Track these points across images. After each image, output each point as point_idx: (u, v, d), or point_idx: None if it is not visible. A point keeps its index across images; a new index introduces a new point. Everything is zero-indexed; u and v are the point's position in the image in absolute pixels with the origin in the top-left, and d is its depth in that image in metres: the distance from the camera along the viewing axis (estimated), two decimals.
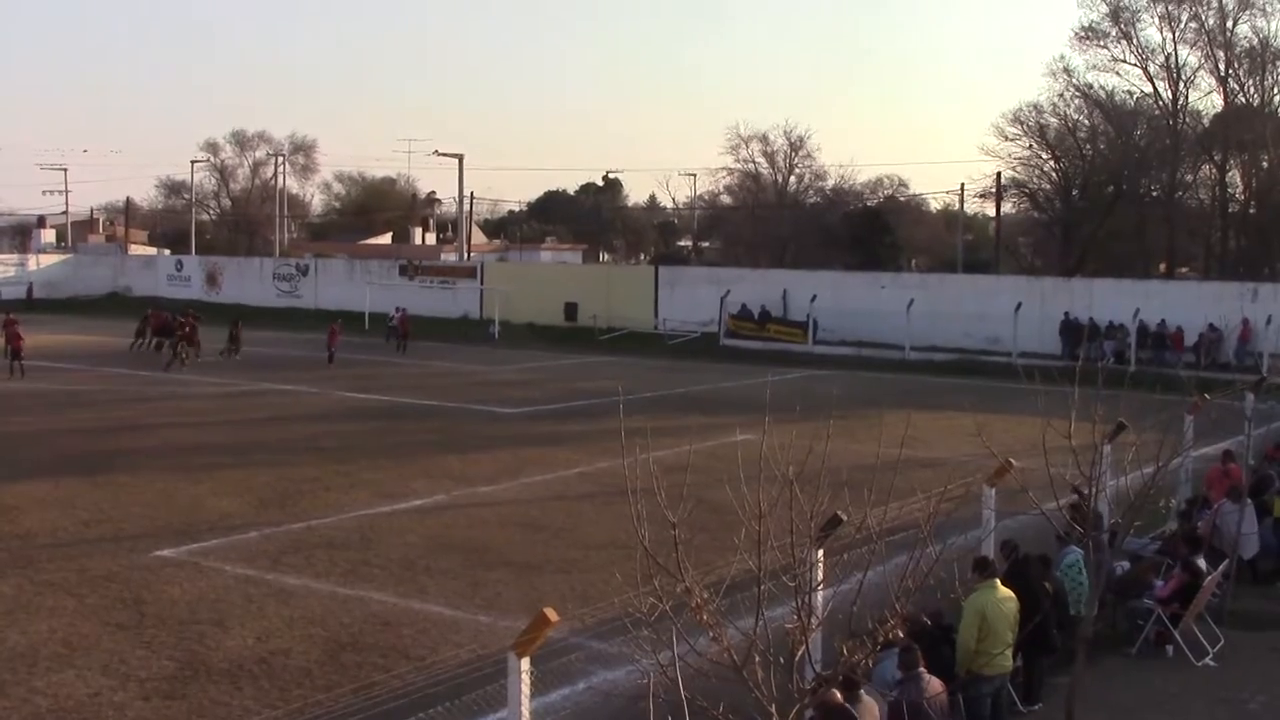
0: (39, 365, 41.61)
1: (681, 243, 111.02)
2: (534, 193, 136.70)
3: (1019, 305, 49.70)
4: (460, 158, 77.08)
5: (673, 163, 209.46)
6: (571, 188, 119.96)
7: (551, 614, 8.37)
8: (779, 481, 7.63)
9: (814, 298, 54.50)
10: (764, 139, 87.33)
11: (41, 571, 17.66)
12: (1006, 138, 73.09)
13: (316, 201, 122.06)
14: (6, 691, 13.12)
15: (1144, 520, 16.02)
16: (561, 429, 31.88)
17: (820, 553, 10.10)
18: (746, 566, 7.29)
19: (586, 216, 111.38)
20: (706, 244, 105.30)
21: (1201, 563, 16.07)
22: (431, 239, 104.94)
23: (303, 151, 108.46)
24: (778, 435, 7.97)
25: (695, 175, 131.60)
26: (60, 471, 24.99)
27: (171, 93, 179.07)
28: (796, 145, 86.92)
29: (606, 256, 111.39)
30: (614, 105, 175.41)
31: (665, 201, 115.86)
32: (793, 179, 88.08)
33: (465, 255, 79.35)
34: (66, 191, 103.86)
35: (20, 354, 40.53)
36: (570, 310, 62.53)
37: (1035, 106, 73.29)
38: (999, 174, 71.35)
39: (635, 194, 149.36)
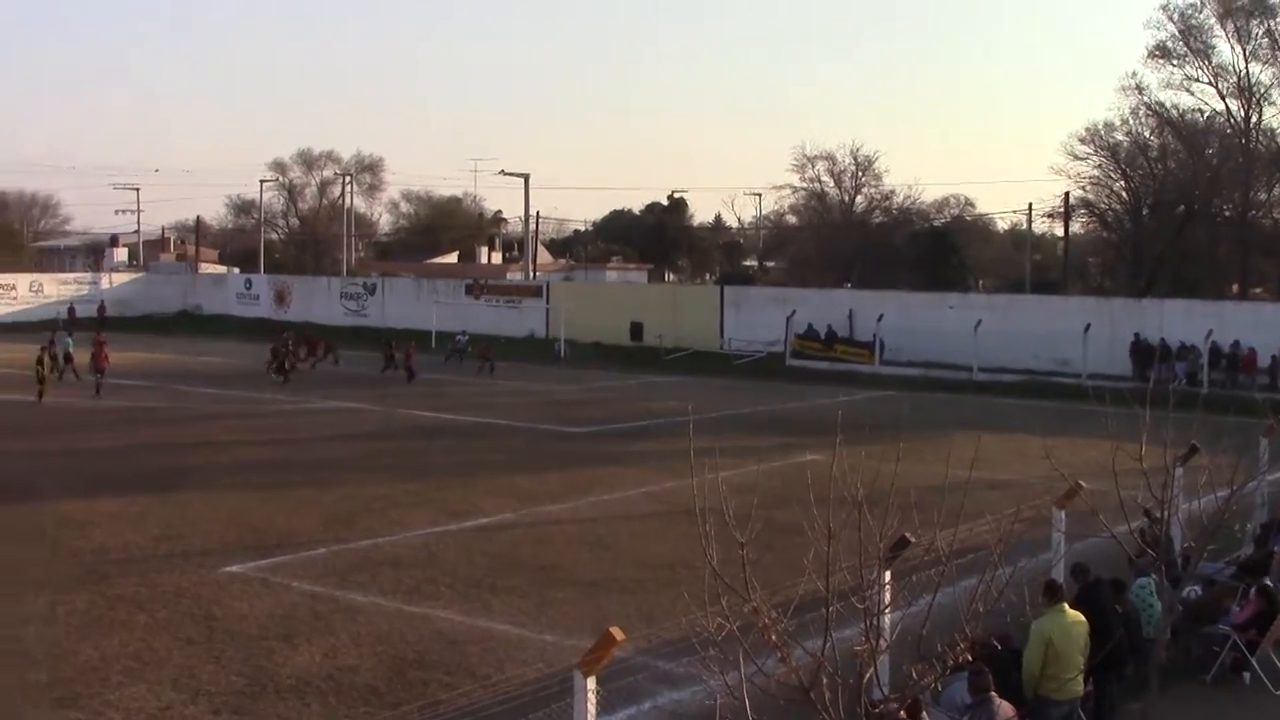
0: (113, 383, 42.17)
1: (747, 262, 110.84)
2: (599, 212, 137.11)
3: (1088, 326, 49.22)
4: (526, 177, 77.58)
5: (738, 182, 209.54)
6: (637, 207, 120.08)
7: (617, 633, 8.36)
8: (848, 503, 7.60)
9: (880, 318, 54.25)
10: (830, 158, 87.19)
11: (113, 586, 17.90)
12: (1076, 157, 72.51)
13: (383, 220, 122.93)
14: (80, 704, 13.31)
15: (1218, 545, 15.79)
16: (628, 448, 31.92)
17: (888, 575, 10.03)
18: (814, 588, 7.27)
19: (651, 236, 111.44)
20: (772, 264, 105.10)
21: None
22: (497, 258, 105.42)
23: (370, 171, 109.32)
24: (845, 456, 7.93)
25: (760, 195, 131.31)
26: (133, 488, 25.34)
27: (240, 112, 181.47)
28: (863, 165, 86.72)
29: (671, 276, 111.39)
30: (680, 125, 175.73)
31: (730, 221, 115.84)
32: (859, 198, 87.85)
33: (531, 274, 79.73)
34: (139, 211, 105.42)
35: (103, 373, 41.34)
36: (636, 330, 62.63)
37: (1106, 125, 72.72)
38: (1067, 194, 70.80)
39: (700, 213, 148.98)
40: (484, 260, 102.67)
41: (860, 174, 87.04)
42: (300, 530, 21.76)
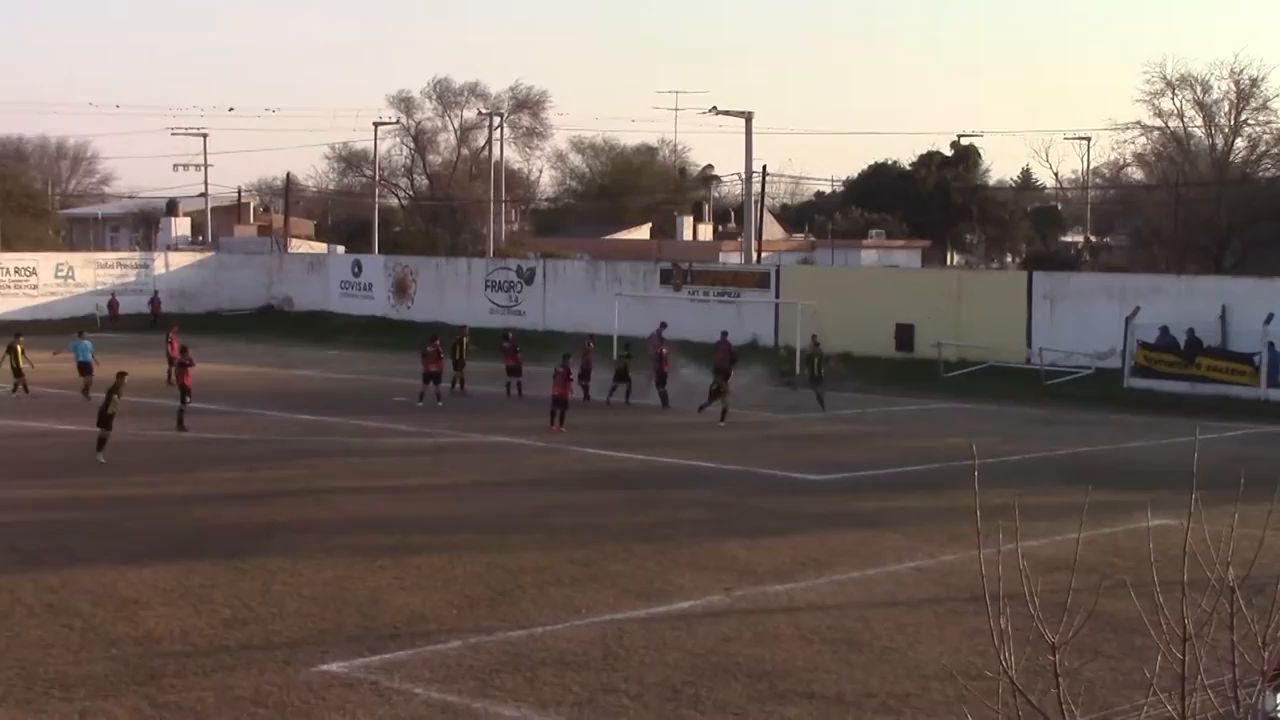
0: (165, 405, 43.19)
1: (1068, 238, 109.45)
2: (852, 167, 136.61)
3: None
4: (748, 118, 77.61)
5: (1057, 122, 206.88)
6: (906, 159, 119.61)
7: None
8: (1214, 589, 7.44)
9: (1270, 318, 52.91)
10: (1200, 84, 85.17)
11: (167, 690, 18.30)
12: None
13: (546, 180, 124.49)
14: None
15: None
16: (890, 505, 31.71)
17: (1279, 698, 9.82)
18: (1164, 714, 7.14)
19: (928, 200, 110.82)
20: (1106, 239, 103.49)
21: None
22: (707, 233, 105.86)
23: (529, 109, 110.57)
24: (1210, 521, 7.77)
25: (1090, 139, 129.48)
26: (194, 552, 25.99)
27: (349, 30, 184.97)
28: (1246, 93, 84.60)
29: (958, 258, 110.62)
30: (968, 39, 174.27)
31: (1045, 179, 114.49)
32: (1239, 142, 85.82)
33: (754, 256, 79.77)
34: (206, 166, 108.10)
35: (189, 392, 41.38)
36: (904, 335, 62.25)
37: None
38: None
39: (1000, 168, 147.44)
40: (687, 235, 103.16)
41: (1242, 105, 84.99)
42: (426, 614, 22.07)
